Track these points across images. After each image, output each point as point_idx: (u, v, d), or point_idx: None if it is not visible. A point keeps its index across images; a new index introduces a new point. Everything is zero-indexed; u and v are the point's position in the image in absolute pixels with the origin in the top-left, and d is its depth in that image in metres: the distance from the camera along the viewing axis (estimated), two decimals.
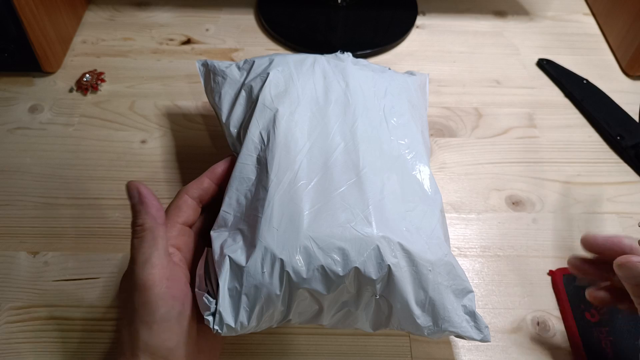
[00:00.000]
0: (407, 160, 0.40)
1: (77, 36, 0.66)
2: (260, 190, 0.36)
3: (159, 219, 0.35)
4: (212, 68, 0.47)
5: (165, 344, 0.33)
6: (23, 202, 0.50)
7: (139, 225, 0.34)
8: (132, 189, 0.35)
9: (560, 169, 0.55)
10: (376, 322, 0.37)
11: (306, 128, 0.40)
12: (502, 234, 0.49)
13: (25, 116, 0.57)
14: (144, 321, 0.33)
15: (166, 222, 0.36)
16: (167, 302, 0.33)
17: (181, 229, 0.38)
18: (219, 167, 0.41)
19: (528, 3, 0.73)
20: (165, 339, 0.33)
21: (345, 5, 0.70)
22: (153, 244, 0.34)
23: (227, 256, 0.34)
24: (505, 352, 0.42)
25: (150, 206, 0.35)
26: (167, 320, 0.33)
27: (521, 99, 0.61)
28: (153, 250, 0.33)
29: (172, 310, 0.33)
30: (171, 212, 0.38)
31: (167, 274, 0.33)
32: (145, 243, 0.34)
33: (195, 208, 0.39)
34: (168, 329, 0.33)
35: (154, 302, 0.32)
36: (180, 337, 0.34)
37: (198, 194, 0.39)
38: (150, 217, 0.34)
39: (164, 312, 0.33)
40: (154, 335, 0.32)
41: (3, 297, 0.44)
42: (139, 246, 0.34)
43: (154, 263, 0.33)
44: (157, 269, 0.33)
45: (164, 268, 0.33)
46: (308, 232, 0.34)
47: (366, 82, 0.44)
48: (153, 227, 0.34)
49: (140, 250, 0.34)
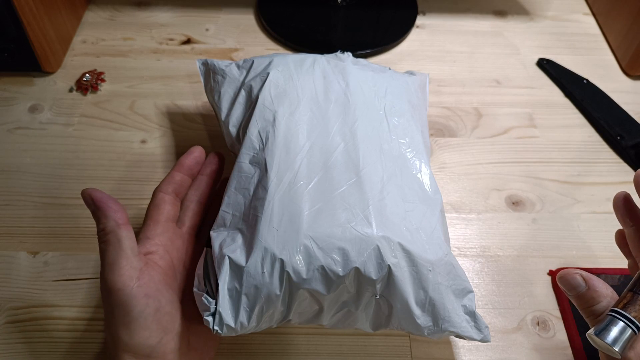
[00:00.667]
0: (407, 160, 0.40)
1: (77, 36, 0.66)
2: (260, 190, 0.36)
3: (119, 219, 0.35)
4: (212, 67, 0.47)
5: (147, 342, 0.33)
6: (23, 202, 0.50)
7: (101, 230, 0.35)
8: (86, 197, 0.35)
9: (560, 169, 0.55)
10: (376, 322, 0.37)
11: (306, 128, 0.40)
12: (502, 234, 0.49)
13: (25, 116, 0.57)
14: (121, 322, 0.33)
15: (128, 222, 0.35)
16: (140, 301, 0.33)
17: (165, 226, 0.38)
18: (185, 159, 0.42)
19: (528, 3, 0.73)
20: (145, 337, 0.33)
21: (345, 5, 0.70)
22: (118, 245, 0.34)
23: (226, 256, 0.34)
24: (505, 352, 0.42)
25: (107, 209, 0.35)
26: (143, 319, 0.33)
27: (521, 99, 0.61)
28: (118, 251, 0.34)
29: (147, 308, 0.33)
30: (151, 212, 0.39)
31: (136, 273, 0.34)
32: (110, 246, 0.34)
33: (173, 202, 0.40)
34: (146, 327, 0.33)
35: (126, 302, 0.33)
36: (161, 334, 0.34)
37: (172, 189, 0.40)
38: (110, 219, 0.34)
39: (139, 311, 0.33)
40: (133, 334, 0.33)
41: (3, 297, 0.44)
42: (105, 250, 0.34)
43: (121, 264, 0.33)
44: (124, 269, 0.33)
45: (132, 268, 0.34)
46: (308, 232, 0.34)
47: (366, 82, 0.44)
48: (115, 229, 0.34)
49: (106, 254, 0.34)
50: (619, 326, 0.32)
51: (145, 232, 0.38)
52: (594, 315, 0.34)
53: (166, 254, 0.37)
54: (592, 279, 0.34)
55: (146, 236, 0.38)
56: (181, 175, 0.41)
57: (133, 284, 0.33)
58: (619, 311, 0.32)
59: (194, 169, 0.42)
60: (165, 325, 0.34)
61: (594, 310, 0.34)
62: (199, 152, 0.42)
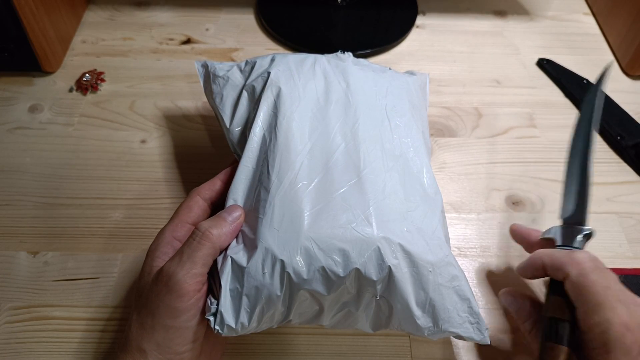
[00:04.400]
0: (408, 160, 0.40)
1: (77, 36, 0.66)
2: (262, 191, 0.36)
3: (224, 242, 0.35)
4: (212, 70, 0.47)
5: (176, 348, 0.33)
6: (23, 202, 0.50)
7: (207, 231, 0.34)
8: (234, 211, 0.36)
9: (560, 169, 0.54)
10: (376, 323, 0.37)
11: (307, 128, 0.40)
12: (502, 234, 0.49)
13: (25, 116, 0.57)
14: (164, 324, 0.33)
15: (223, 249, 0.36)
16: (192, 312, 0.33)
17: (189, 229, 0.38)
18: (232, 169, 0.41)
19: (528, 3, 0.73)
20: (177, 343, 0.33)
21: (345, 5, 0.70)
22: (208, 254, 0.34)
23: (229, 257, 0.34)
24: (505, 352, 0.42)
25: (234, 230, 0.35)
26: (185, 328, 0.33)
27: (521, 99, 0.61)
28: (207, 260, 0.34)
29: (193, 320, 0.33)
30: (181, 211, 0.38)
31: (201, 286, 0.34)
32: (202, 252, 0.34)
33: (205, 209, 0.39)
34: (182, 335, 0.33)
35: (182, 309, 0.33)
36: (190, 343, 0.34)
37: (209, 196, 0.40)
38: (223, 235, 0.35)
39: (185, 319, 0.33)
40: (169, 338, 0.33)
41: (3, 297, 0.44)
42: (195, 249, 0.34)
43: (198, 273, 0.33)
44: (198, 278, 0.33)
45: (201, 283, 0.34)
46: (309, 233, 0.34)
47: (367, 82, 0.44)
48: (216, 243, 0.34)
49: (193, 254, 0.34)
50: None
51: (172, 232, 0.37)
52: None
53: None
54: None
55: (175, 237, 0.37)
56: (222, 184, 0.40)
57: (196, 295, 0.33)
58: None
59: None
60: (196, 335, 0.34)
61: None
62: None
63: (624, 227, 0.50)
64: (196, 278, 0.33)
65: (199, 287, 0.33)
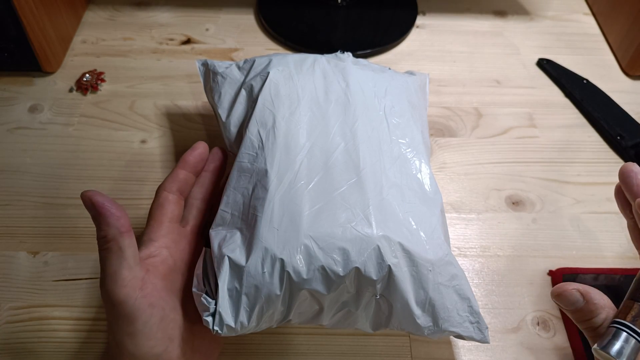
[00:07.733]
0: (407, 160, 0.40)
1: (77, 36, 0.66)
2: (260, 189, 0.36)
3: (121, 227, 0.33)
4: (212, 67, 0.47)
5: (152, 351, 0.33)
6: (23, 202, 0.50)
7: (102, 237, 0.33)
8: (86, 200, 0.33)
9: (560, 169, 0.55)
10: (376, 322, 0.37)
11: (306, 128, 0.40)
12: (502, 234, 0.49)
13: (25, 116, 0.57)
14: (126, 332, 0.32)
15: (131, 229, 0.33)
16: (145, 312, 0.32)
17: (169, 227, 0.38)
18: (189, 156, 0.40)
19: (528, 3, 0.73)
20: (150, 346, 0.33)
21: (345, 5, 0.70)
22: (120, 254, 0.32)
23: (226, 256, 0.34)
24: (505, 352, 0.42)
25: (109, 216, 0.32)
26: (148, 329, 0.32)
27: (521, 99, 0.61)
28: (121, 261, 0.32)
29: (152, 318, 0.33)
30: (155, 211, 0.38)
31: (139, 283, 0.33)
32: (112, 255, 0.32)
33: (177, 202, 0.39)
34: (151, 336, 0.33)
35: (130, 313, 0.32)
36: (166, 341, 0.33)
37: (176, 187, 0.39)
38: (112, 227, 0.32)
39: (143, 321, 0.32)
40: (139, 344, 0.32)
41: (3, 297, 0.44)
42: (106, 258, 0.33)
43: (123, 275, 0.32)
44: (127, 280, 0.32)
45: (135, 278, 0.33)
46: (308, 232, 0.34)
47: (366, 82, 0.44)
48: (117, 237, 0.32)
49: (107, 263, 0.32)
50: (622, 337, 0.31)
51: (148, 234, 0.37)
52: (592, 328, 0.33)
53: (169, 256, 0.37)
54: (589, 292, 0.33)
55: (150, 238, 0.37)
56: (185, 172, 0.40)
57: (136, 294, 0.32)
58: (622, 322, 0.31)
59: (198, 165, 0.41)
60: (170, 332, 0.34)
61: (592, 323, 0.33)
62: (202, 148, 0.41)
63: (623, 227, 0.50)
64: (123, 281, 0.32)
65: (138, 285, 0.32)
